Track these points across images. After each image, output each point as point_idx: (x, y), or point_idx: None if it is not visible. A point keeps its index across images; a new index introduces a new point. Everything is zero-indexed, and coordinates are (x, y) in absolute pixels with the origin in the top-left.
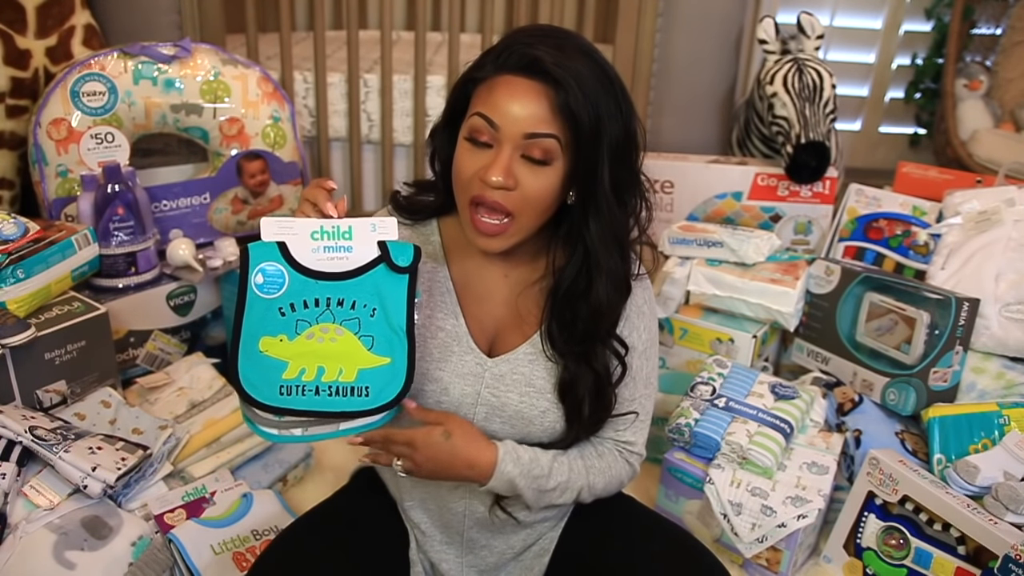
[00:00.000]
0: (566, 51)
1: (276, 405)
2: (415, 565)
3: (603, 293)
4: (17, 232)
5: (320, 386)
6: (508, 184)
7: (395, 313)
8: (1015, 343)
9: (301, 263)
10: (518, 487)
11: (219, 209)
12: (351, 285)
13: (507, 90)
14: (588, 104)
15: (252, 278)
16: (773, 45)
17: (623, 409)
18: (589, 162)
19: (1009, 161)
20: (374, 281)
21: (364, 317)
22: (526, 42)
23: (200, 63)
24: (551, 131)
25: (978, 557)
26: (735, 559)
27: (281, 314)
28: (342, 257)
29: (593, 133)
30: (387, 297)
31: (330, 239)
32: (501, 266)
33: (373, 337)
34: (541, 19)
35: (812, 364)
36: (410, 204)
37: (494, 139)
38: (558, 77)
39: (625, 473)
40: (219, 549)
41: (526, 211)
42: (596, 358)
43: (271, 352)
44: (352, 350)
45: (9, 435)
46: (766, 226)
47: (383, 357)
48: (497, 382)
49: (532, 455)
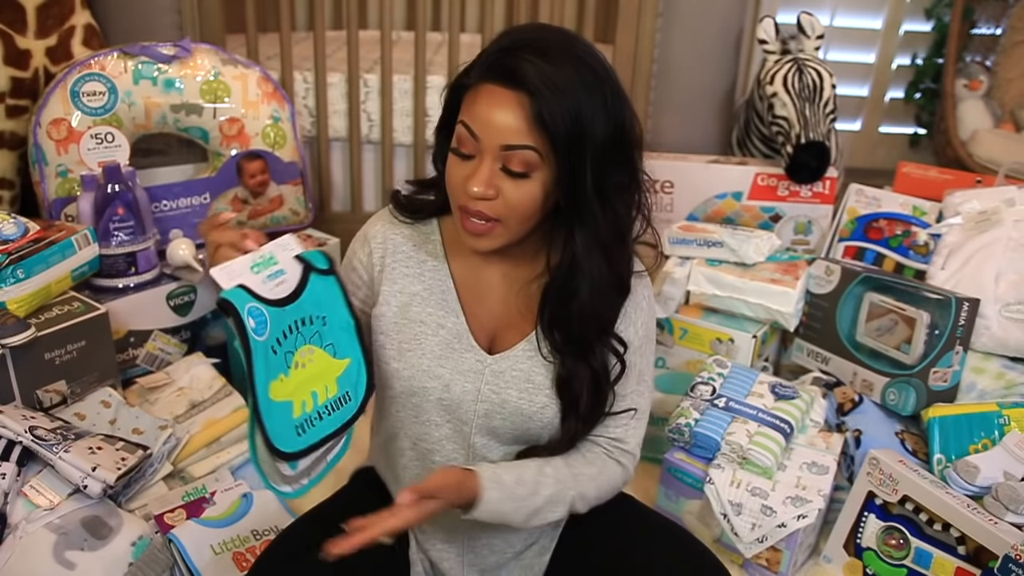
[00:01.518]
0: (550, 56)
1: (299, 449)
2: (415, 564)
3: (587, 298)
4: (17, 232)
5: (320, 410)
6: (488, 195)
7: (340, 313)
8: (1015, 343)
9: (265, 296)
10: (505, 512)
11: (219, 209)
12: (303, 302)
13: (487, 100)
14: (565, 113)
15: (247, 325)
16: (773, 45)
17: (617, 405)
18: (570, 170)
19: (1009, 161)
20: (314, 291)
21: (320, 328)
22: (510, 48)
23: (200, 63)
24: (528, 143)
25: (978, 557)
26: (735, 559)
27: (274, 352)
28: (283, 281)
29: (573, 142)
30: (328, 302)
31: (265, 268)
32: (500, 264)
33: (334, 344)
34: (541, 19)
35: (812, 364)
36: (410, 203)
37: (476, 149)
38: (533, 87)
39: (617, 477)
40: (219, 549)
41: (511, 217)
42: (594, 356)
43: (279, 396)
44: (325, 364)
45: (9, 435)
46: (766, 226)
47: (345, 359)
48: (497, 379)
49: (514, 475)
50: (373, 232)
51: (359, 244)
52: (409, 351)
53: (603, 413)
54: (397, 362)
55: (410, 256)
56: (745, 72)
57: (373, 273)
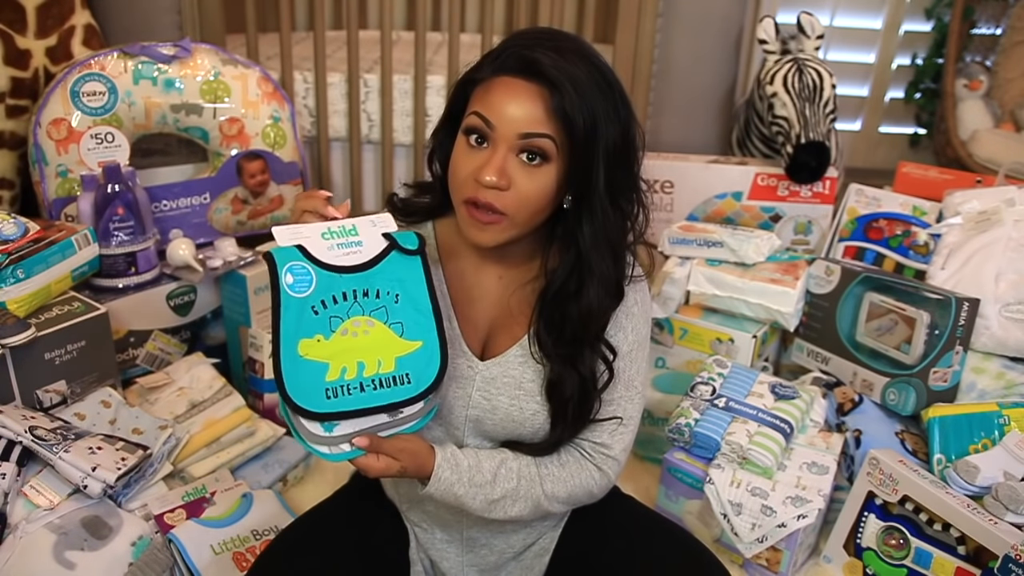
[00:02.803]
0: (564, 54)
1: (325, 411)
2: (415, 564)
3: (594, 296)
4: (17, 232)
5: (364, 382)
6: (501, 184)
7: (418, 295)
8: (1015, 343)
9: (323, 260)
10: (458, 494)
11: (219, 209)
12: (372, 275)
13: (504, 91)
14: (583, 107)
15: (283, 279)
16: (773, 45)
17: (603, 411)
18: (584, 165)
19: (1009, 161)
20: (391, 268)
21: (390, 305)
22: (524, 44)
23: (200, 63)
24: (546, 131)
25: (978, 557)
26: (735, 559)
27: (315, 312)
28: (356, 251)
29: (588, 136)
30: (406, 281)
31: (339, 237)
32: (496, 267)
33: (402, 323)
34: (541, 19)
35: (812, 364)
36: (406, 206)
37: (489, 138)
38: (554, 79)
39: (594, 482)
40: (219, 549)
41: (520, 212)
42: (583, 362)
43: (311, 355)
44: (386, 339)
45: (9, 435)
46: (766, 226)
47: (415, 341)
48: (488, 385)
49: (474, 461)
50: None
51: None
52: None
53: (588, 420)
54: None
55: None
56: (745, 72)
57: None
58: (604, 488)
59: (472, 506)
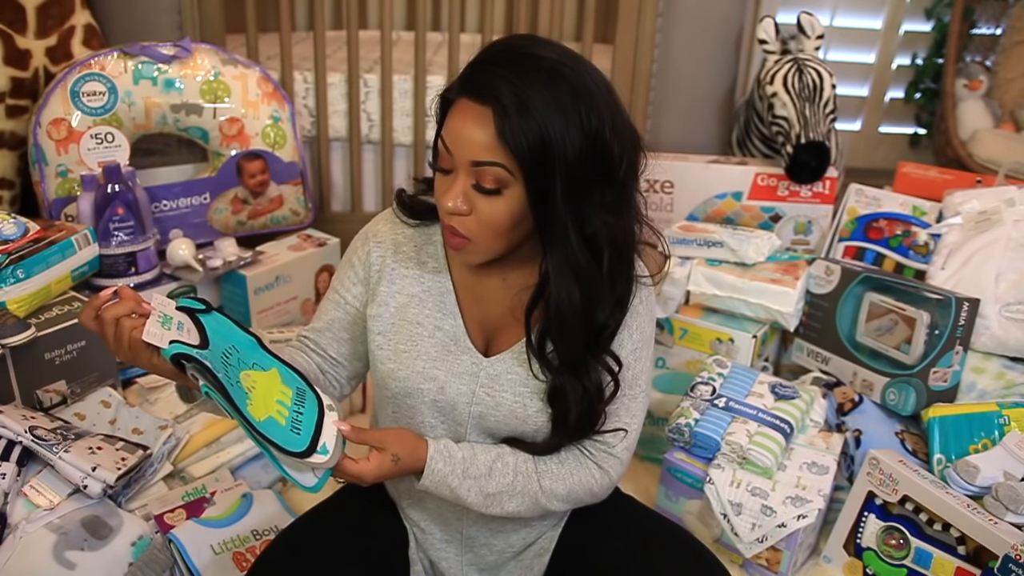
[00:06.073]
0: (524, 71)
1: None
2: (415, 564)
3: (559, 319)
4: (17, 232)
5: (293, 410)
6: (463, 210)
7: (240, 338)
8: (1015, 343)
9: (191, 343)
10: (452, 486)
11: (219, 209)
12: (213, 341)
13: (461, 115)
14: (527, 130)
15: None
16: (773, 45)
17: (608, 418)
18: (539, 190)
19: (1009, 161)
20: (212, 330)
21: (237, 355)
22: (486, 62)
23: (200, 63)
24: (496, 159)
25: (978, 557)
26: (735, 559)
27: (232, 385)
28: (189, 329)
29: (539, 160)
30: (227, 333)
31: (170, 323)
32: (499, 270)
33: (256, 362)
34: (541, 19)
35: (812, 364)
36: (414, 204)
37: (451, 164)
38: (498, 103)
39: (595, 480)
40: (219, 549)
41: (483, 236)
42: (586, 373)
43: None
44: (264, 379)
45: (9, 435)
46: (766, 226)
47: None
48: (492, 381)
49: (468, 454)
50: (376, 232)
51: (360, 242)
52: (405, 352)
53: (591, 429)
54: (393, 363)
55: (411, 257)
56: (745, 72)
57: (371, 272)
58: (606, 487)
59: (468, 499)
